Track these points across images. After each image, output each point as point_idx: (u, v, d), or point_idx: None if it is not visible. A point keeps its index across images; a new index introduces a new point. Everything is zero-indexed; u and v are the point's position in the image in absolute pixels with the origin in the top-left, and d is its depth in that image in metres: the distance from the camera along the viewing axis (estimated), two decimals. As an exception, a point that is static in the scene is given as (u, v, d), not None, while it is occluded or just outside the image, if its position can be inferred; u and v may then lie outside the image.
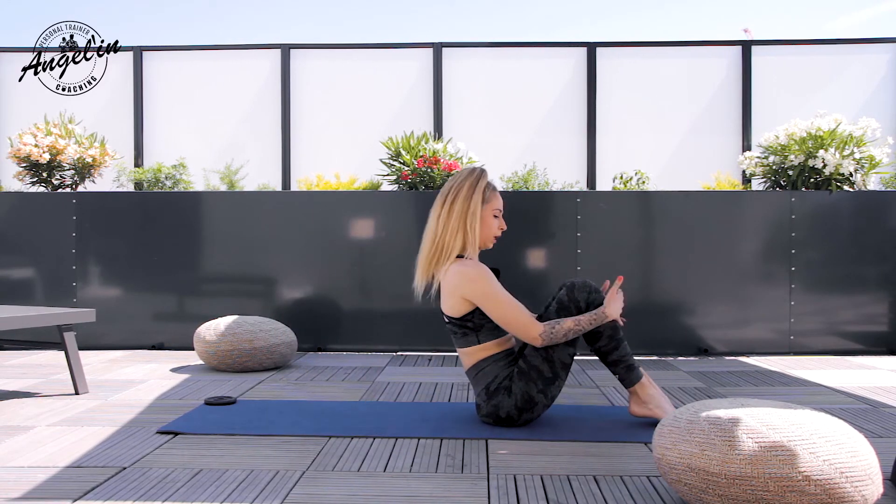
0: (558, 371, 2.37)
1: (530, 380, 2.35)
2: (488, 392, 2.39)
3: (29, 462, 2.04)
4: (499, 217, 2.50)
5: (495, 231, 2.49)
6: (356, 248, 4.36)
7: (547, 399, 2.38)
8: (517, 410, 2.37)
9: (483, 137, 5.36)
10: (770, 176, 4.59)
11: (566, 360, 2.37)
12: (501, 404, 2.37)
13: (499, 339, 2.42)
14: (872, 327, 4.25)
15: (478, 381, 2.43)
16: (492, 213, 2.47)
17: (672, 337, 4.22)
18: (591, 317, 2.33)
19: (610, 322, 2.38)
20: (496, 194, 2.50)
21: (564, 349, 2.36)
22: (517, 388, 2.35)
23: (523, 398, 2.35)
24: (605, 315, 2.35)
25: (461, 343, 2.44)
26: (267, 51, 5.62)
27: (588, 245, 4.23)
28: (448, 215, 2.42)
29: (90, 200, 4.43)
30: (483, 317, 2.39)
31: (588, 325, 2.33)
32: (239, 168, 5.08)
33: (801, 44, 5.47)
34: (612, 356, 2.40)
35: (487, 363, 2.41)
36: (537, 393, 2.35)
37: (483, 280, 2.35)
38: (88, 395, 2.99)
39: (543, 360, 2.35)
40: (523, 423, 2.41)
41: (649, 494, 1.78)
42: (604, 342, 2.39)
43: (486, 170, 2.51)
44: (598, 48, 5.47)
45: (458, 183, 2.45)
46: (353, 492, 1.79)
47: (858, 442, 1.52)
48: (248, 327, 3.59)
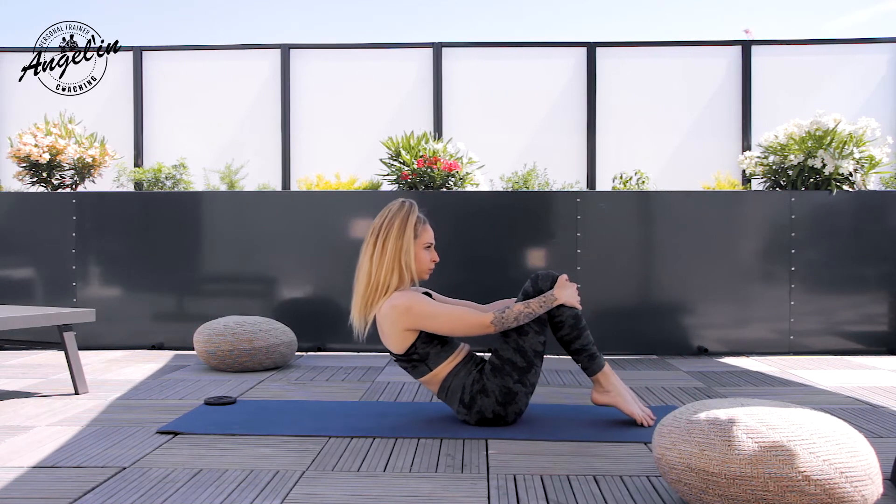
0: (532, 359, 2.39)
1: (505, 373, 2.36)
2: (465, 404, 2.40)
3: (29, 462, 2.04)
4: (430, 249, 2.50)
5: (428, 264, 2.50)
6: (356, 249, 4.32)
7: (526, 387, 2.40)
8: (501, 406, 2.37)
9: (483, 137, 5.36)
10: (770, 176, 4.59)
11: (538, 348, 2.40)
12: (483, 406, 2.38)
13: (450, 358, 2.42)
14: (872, 327, 4.25)
15: (451, 400, 2.44)
16: (423, 247, 2.48)
17: (672, 337, 4.22)
18: (540, 300, 2.38)
19: (572, 311, 2.41)
20: (426, 227, 2.50)
21: (535, 338, 2.39)
22: (492, 385, 2.37)
23: (502, 392, 2.36)
24: (555, 298, 2.38)
25: (416, 375, 2.45)
26: (267, 51, 5.62)
27: (588, 245, 4.23)
28: (381, 254, 2.42)
29: (90, 200, 4.43)
30: (425, 344, 2.39)
31: (538, 308, 2.36)
32: (239, 168, 5.08)
33: (801, 44, 5.47)
34: (575, 345, 2.43)
35: (450, 380, 2.42)
36: (514, 384, 2.37)
37: (416, 304, 2.36)
38: (88, 395, 2.99)
39: (515, 351, 2.37)
40: (514, 417, 2.42)
41: (649, 494, 1.78)
42: (566, 331, 2.42)
43: (414, 203, 2.49)
44: (598, 48, 5.47)
45: (389, 220, 2.44)
46: (353, 492, 1.79)
47: (858, 442, 1.52)
48: (248, 327, 3.59)
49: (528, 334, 2.37)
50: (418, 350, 2.40)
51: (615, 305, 4.25)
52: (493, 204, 4.34)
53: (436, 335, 2.41)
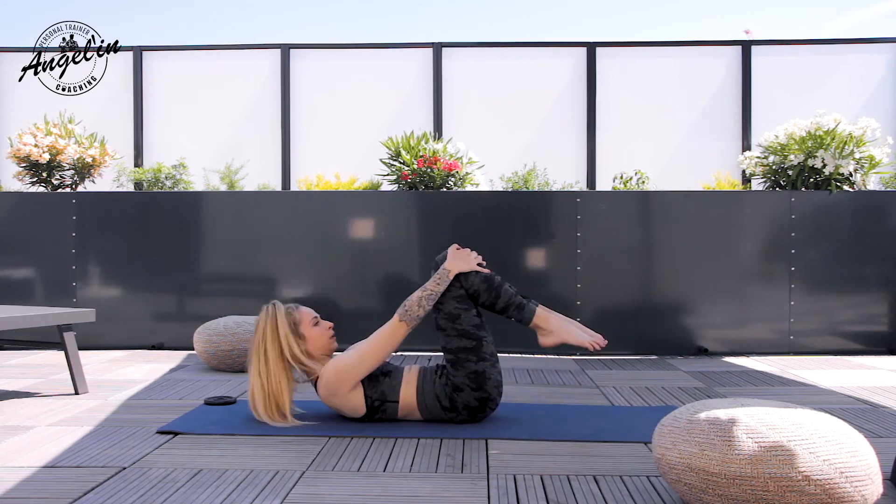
0: (477, 334, 2.41)
1: (463, 361, 2.38)
2: (448, 409, 2.42)
3: (29, 462, 2.04)
4: (319, 323, 2.48)
5: (326, 338, 2.47)
6: (356, 248, 4.36)
7: (488, 360, 2.40)
8: (478, 390, 2.39)
9: (483, 137, 5.36)
10: (770, 176, 4.59)
11: (476, 322, 2.42)
12: (464, 400, 2.40)
13: (404, 381, 2.43)
14: (872, 327, 4.25)
15: (436, 415, 2.44)
16: (311, 327, 2.45)
17: (672, 337, 4.22)
18: (435, 278, 2.41)
19: (480, 276, 2.42)
20: (300, 309, 2.47)
21: (468, 315, 2.41)
22: (460, 379, 2.38)
23: (471, 378, 2.38)
24: (447, 270, 2.41)
25: (393, 414, 2.44)
26: (267, 51, 5.62)
27: (588, 245, 4.23)
28: (266, 367, 2.37)
29: (90, 200, 4.43)
30: (373, 386, 2.41)
31: (435, 286, 2.39)
32: (239, 168, 5.08)
33: (801, 44, 5.47)
34: (499, 304, 2.45)
35: (422, 401, 2.43)
36: (476, 363, 2.38)
37: (341, 370, 2.37)
38: (88, 395, 2.99)
39: (459, 336, 2.39)
40: (496, 391, 2.42)
41: (649, 494, 1.78)
42: (484, 297, 2.44)
43: (276, 301, 2.46)
44: (598, 48, 5.47)
45: (262, 332, 2.40)
46: (353, 492, 1.79)
47: (858, 442, 1.52)
48: (248, 327, 3.59)
49: (461, 316, 2.40)
50: (373, 395, 2.41)
51: (615, 305, 4.25)
52: (493, 204, 4.34)
53: (374, 373, 2.42)
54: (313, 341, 2.44)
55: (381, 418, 2.45)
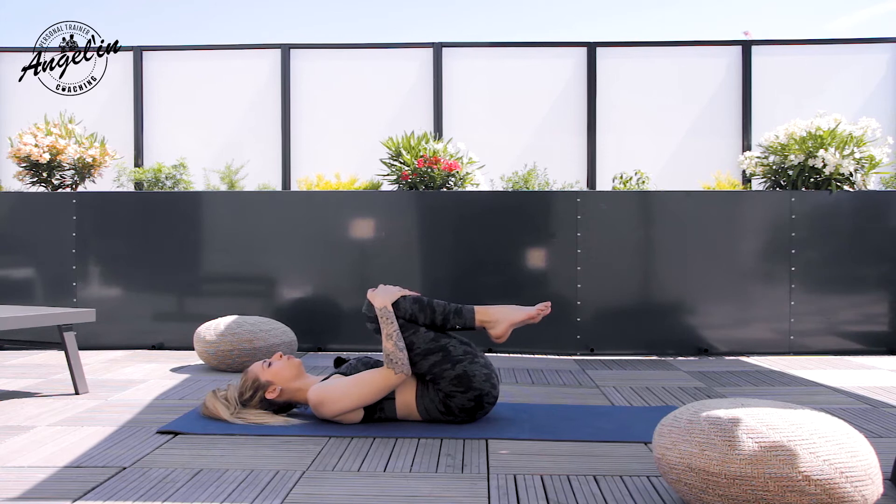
0: (438, 344, 2.41)
1: (441, 374, 2.39)
2: (446, 413, 2.44)
3: (29, 462, 2.04)
4: (273, 361, 2.52)
5: (285, 361, 2.52)
6: (356, 248, 4.36)
7: (464, 359, 2.41)
8: (469, 390, 2.40)
9: (483, 137, 5.36)
10: (770, 176, 4.59)
11: (431, 335, 2.43)
12: (459, 404, 2.41)
13: (402, 391, 2.44)
14: (872, 327, 4.25)
15: (433, 414, 2.45)
16: (268, 369, 2.50)
17: (672, 337, 4.22)
18: (381, 320, 2.41)
19: (406, 301, 2.43)
20: (247, 373, 2.54)
21: (420, 336, 2.41)
22: (447, 388, 2.40)
23: (455, 383, 2.39)
24: (382, 307, 2.42)
25: (390, 414, 2.46)
26: (267, 51, 5.62)
27: (588, 245, 4.22)
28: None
29: (90, 200, 4.43)
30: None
31: (390, 328, 2.39)
32: (239, 168, 5.08)
33: (801, 44, 5.47)
34: (437, 318, 2.46)
35: (421, 401, 2.44)
36: (454, 368, 2.39)
37: (330, 392, 2.39)
38: (88, 395, 2.99)
39: (424, 356, 2.40)
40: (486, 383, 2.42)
41: (649, 494, 1.78)
42: (421, 317, 2.44)
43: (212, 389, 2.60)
44: (598, 48, 5.47)
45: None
46: (353, 492, 1.79)
47: (858, 442, 1.52)
48: (248, 327, 3.59)
49: (414, 342, 2.41)
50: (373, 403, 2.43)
51: (615, 305, 4.25)
52: (493, 204, 4.34)
53: None
54: (279, 375, 2.49)
55: (381, 417, 2.46)
